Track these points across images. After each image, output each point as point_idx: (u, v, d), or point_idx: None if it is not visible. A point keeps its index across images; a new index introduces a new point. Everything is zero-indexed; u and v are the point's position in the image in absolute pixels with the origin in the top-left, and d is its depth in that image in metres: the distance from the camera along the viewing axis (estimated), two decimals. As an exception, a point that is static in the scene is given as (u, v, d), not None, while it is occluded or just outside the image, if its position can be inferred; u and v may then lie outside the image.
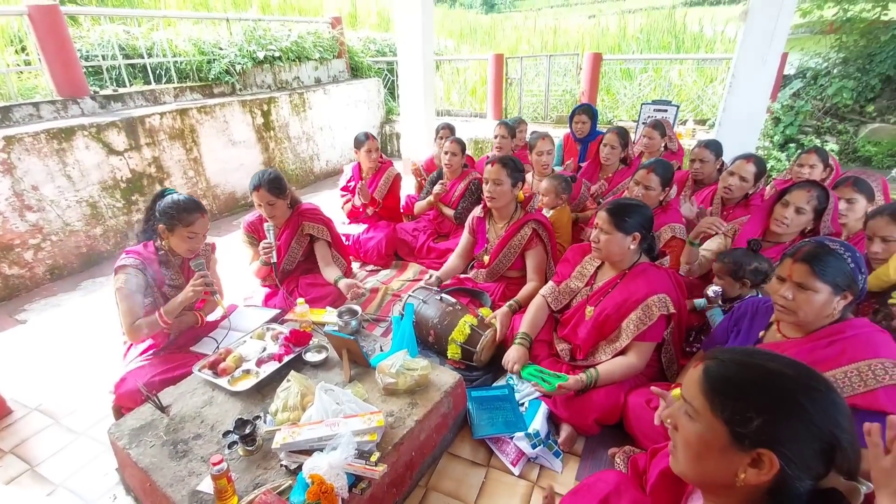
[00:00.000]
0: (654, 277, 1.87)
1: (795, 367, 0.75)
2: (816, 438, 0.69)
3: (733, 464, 0.72)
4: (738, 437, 0.72)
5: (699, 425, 0.77)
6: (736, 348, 0.81)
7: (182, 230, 1.99)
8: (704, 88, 6.80)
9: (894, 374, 1.29)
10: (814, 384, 0.72)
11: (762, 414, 0.70)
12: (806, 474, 0.69)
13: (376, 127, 7.01)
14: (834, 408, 0.70)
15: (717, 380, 0.76)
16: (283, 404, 1.65)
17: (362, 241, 3.43)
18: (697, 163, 3.10)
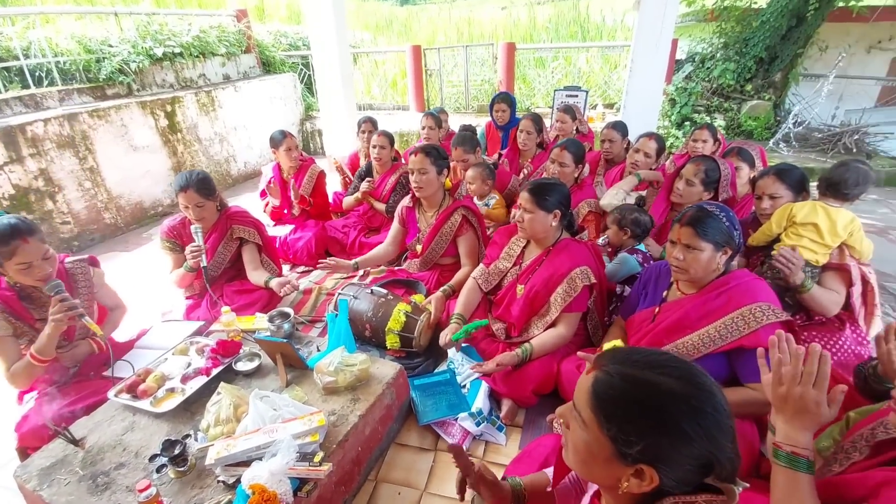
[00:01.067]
0: (576, 251, 2.00)
1: (685, 379, 0.72)
2: (696, 458, 0.70)
3: (617, 472, 0.74)
4: (621, 455, 0.72)
5: (587, 435, 0.76)
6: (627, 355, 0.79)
7: (11, 264, 1.68)
8: (610, 74, 7.26)
9: (770, 314, 1.49)
10: (701, 406, 0.70)
11: (645, 438, 0.70)
12: (684, 484, 0.72)
13: (296, 124, 6.75)
14: (717, 429, 0.70)
15: (604, 399, 0.74)
16: (214, 419, 1.57)
17: (290, 243, 3.31)
18: (607, 143, 3.33)
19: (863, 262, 2.02)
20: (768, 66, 6.25)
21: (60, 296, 1.70)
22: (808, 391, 1.00)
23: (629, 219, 2.33)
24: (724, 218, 1.56)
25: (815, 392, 1.00)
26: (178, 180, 2.34)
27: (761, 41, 6.02)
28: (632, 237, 2.36)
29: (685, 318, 1.64)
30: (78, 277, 1.93)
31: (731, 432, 0.72)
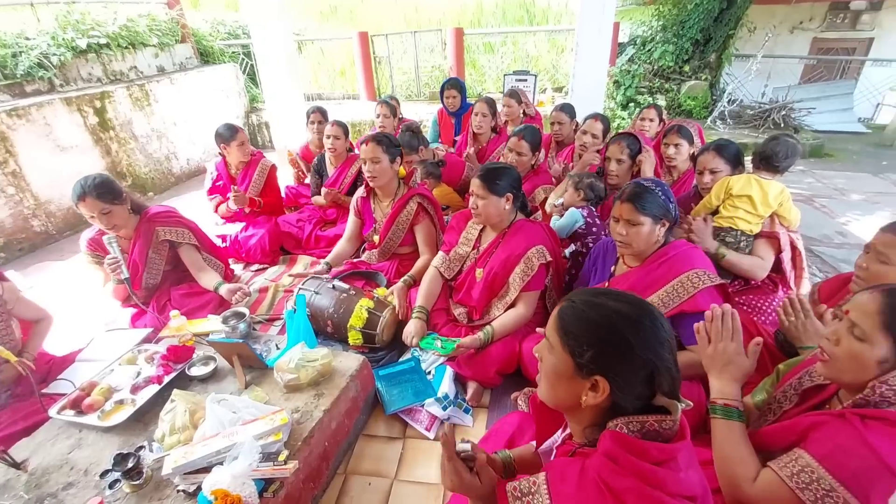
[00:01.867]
0: (531, 232, 2.04)
1: (631, 303, 0.84)
2: (639, 366, 0.79)
3: (578, 389, 0.84)
4: (579, 367, 0.83)
5: (554, 358, 0.87)
6: (589, 290, 0.93)
7: None
8: (557, 58, 7.38)
9: (705, 279, 1.60)
10: (641, 319, 0.81)
11: (594, 346, 0.81)
12: (632, 395, 0.81)
13: (241, 117, 6.46)
14: (656, 340, 0.80)
15: (565, 319, 0.86)
16: (169, 427, 1.50)
17: (242, 241, 3.17)
18: (556, 125, 3.40)
19: (791, 229, 2.18)
20: (703, 48, 6.55)
21: None
22: (728, 344, 1.19)
23: (585, 182, 2.41)
24: (659, 192, 1.65)
25: (732, 344, 1.19)
26: (73, 190, 2.10)
27: (696, 23, 6.29)
28: (584, 199, 2.43)
29: (632, 289, 1.71)
30: None
31: (669, 345, 0.82)
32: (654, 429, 0.80)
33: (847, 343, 1.04)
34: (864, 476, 0.94)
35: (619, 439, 0.79)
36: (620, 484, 0.75)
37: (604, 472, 0.77)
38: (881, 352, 0.98)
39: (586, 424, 0.88)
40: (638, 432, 0.80)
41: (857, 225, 3.85)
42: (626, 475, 0.76)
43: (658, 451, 0.77)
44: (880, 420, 0.97)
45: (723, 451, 1.15)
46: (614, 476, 0.76)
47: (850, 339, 1.03)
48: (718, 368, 1.19)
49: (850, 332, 1.04)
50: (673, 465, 0.77)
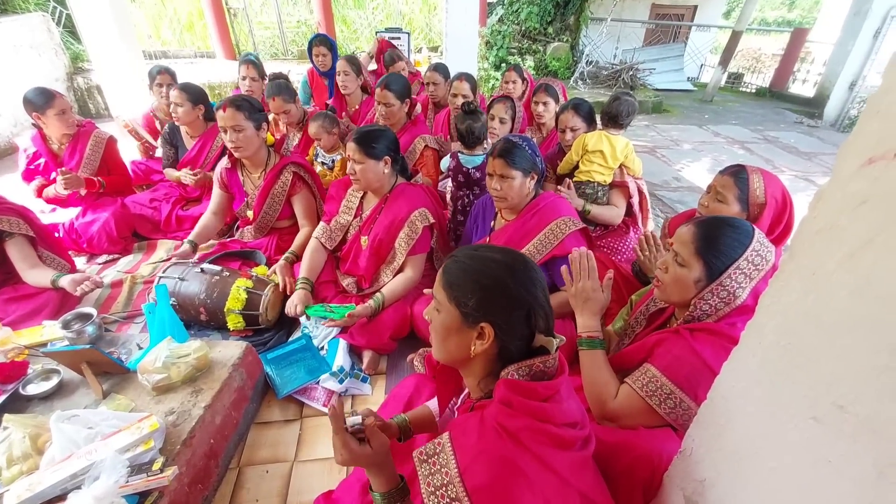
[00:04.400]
0: (412, 195, 2.03)
1: (506, 252, 0.92)
2: (516, 306, 0.86)
3: (467, 339, 0.89)
4: (465, 317, 0.88)
5: (443, 314, 0.91)
6: (469, 246, 0.99)
7: None
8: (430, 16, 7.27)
9: (571, 225, 1.78)
10: (515, 264, 0.89)
11: (475, 293, 0.87)
12: (515, 336, 0.88)
13: (61, 80, 5.32)
14: (529, 281, 0.88)
15: (450, 274, 0.92)
16: (6, 459, 1.25)
17: (80, 229, 2.66)
18: (431, 86, 3.37)
19: (637, 177, 2.48)
20: (564, 10, 6.97)
21: None
22: (586, 283, 1.33)
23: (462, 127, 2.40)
24: (526, 147, 1.76)
25: (590, 282, 1.34)
26: None
27: (557, -15, 6.64)
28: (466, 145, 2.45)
29: (510, 240, 1.83)
30: None
31: (541, 285, 0.90)
32: (539, 369, 0.87)
33: (672, 269, 1.23)
34: (693, 378, 1.14)
35: (512, 385, 0.85)
36: (515, 424, 0.81)
37: (500, 417, 0.82)
38: (696, 273, 1.18)
39: (480, 377, 0.93)
40: (527, 375, 0.87)
41: (689, 170, 4.55)
42: (520, 416, 0.82)
43: (544, 388, 0.84)
44: (703, 331, 1.18)
45: (589, 377, 1.31)
46: (509, 419, 0.82)
47: (674, 266, 1.23)
48: (581, 305, 1.34)
49: (674, 261, 1.23)
50: (557, 398, 0.85)
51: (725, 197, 1.66)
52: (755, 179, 1.65)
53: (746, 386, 0.81)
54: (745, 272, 1.15)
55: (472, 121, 2.42)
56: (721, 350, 1.13)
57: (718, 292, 1.17)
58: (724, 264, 1.16)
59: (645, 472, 1.09)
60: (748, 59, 10.18)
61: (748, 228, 1.18)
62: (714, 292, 1.17)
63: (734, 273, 1.15)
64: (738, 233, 1.17)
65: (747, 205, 1.66)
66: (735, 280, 1.15)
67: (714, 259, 1.16)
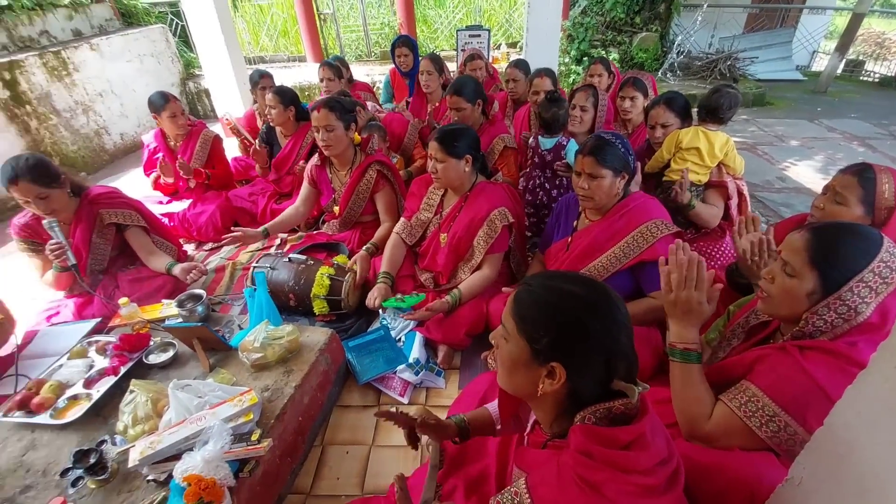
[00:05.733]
0: (492, 194, 2.03)
1: (588, 285, 0.83)
2: (596, 350, 0.79)
3: (535, 376, 0.83)
4: (535, 353, 0.82)
5: (511, 345, 0.85)
6: (546, 272, 0.92)
7: None
8: (510, 12, 7.19)
9: (663, 228, 1.67)
10: (597, 302, 0.81)
11: (550, 332, 0.80)
12: (590, 380, 0.80)
13: (176, 85, 5.97)
14: (613, 323, 0.79)
15: (521, 304, 0.85)
16: (131, 419, 1.44)
17: (191, 219, 3.00)
18: (511, 83, 3.34)
19: (737, 177, 2.28)
20: (653, -2, 6.55)
21: None
22: (692, 293, 1.18)
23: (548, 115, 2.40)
24: (619, 145, 1.67)
25: (696, 293, 1.18)
26: (2, 171, 1.94)
27: (645, -28, 6.26)
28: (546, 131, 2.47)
29: (594, 242, 1.76)
30: None
31: (626, 328, 0.81)
32: (620, 412, 0.80)
33: (780, 280, 1.11)
34: (801, 400, 1.02)
35: (589, 432, 0.78)
36: (597, 476, 0.75)
37: (580, 469, 0.76)
38: (809, 285, 1.05)
39: (552, 416, 0.87)
40: (605, 419, 0.80)
41: (795, 170, 4.09)
42: (601, 467, 0.75)
43: (626, 433, 0.77)
44: (816, 349, 1.06)
45: (682, 393, 1.22)
46: (590, 470, 0.76)
47: (782, 276, 1.10)
48: (680, 314, 1.22)
49: (783, 270, 1.11)
50: (642, 442, 0.77)
51: (846, 199, 1.46)
52: (883, 179, 1.44)
53: (877, 414, 0.72)
54: (870, 286, 1.02)
55: (556, 107, 2.39)
56: (838, 372, 1.01)
57: (836, 307, 1.04)
58: (843, 276, 1.03)
59: (741, 498, 1.01)
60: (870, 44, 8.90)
61: (875, 236, 1.04)
62: (831, 307, 1.04)
63: (857, 286, 1.02)
64: (862, 241, 1.03)
65: (872, 208, 1.45)
66: (858, 294, 1.02)
67: (831, 270, 1.04)
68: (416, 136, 3.27)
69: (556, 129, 2.42)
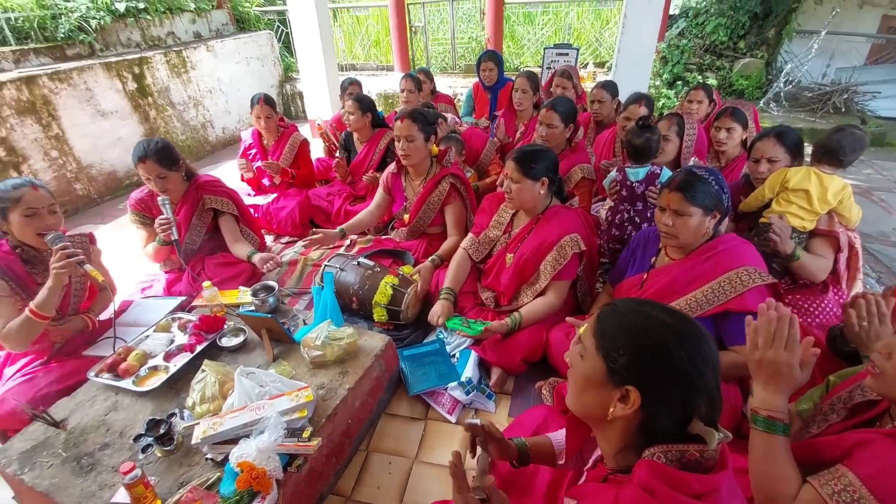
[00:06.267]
0: (566, 219, 1.96)
1: (678, 317, 0.79)
2: (677, 382, 0.73)
3: (607, 399, 0.78)
4: (611, 373, 0.77)
5: (586, 363, 0.82)
6: (634, 298, 0.89)
7: (15, 212, 1.69)
8: (601, 31, 7.01)
9: (756, 277, 1.50)
10: (685, 333, 0.75)
11: (630, 352, 0.76)
12: (666, 415, 0.75)
13: (275, 87, 6.45)
14: (700, 357, 0.74)
15: (604, 322, 0.82)
16: (200, 397, 1.54)
17: (273, 212, 3.21)
18: (596, 104, 3.23)
19: (850, 228, 2.02)
20: (762, 22, 6.08)
21: (61, 244, 1.65)
22: (780, 354, 1.03)
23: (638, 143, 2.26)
24: (713, 181, 1.54)
25: (786, 354, 1.03)
26: (135, 150, 2.19)
27: (756, -5, 5.83)
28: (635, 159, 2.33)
29: (674, 283, 1.64)
30: (85, 248, 1.88)
31: (713, 365, 0.75)
32: (694, 458, 0.73)
33: None
34: (908, 499, 0.86)
35: (657, 470, 0.72)
36: None
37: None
38: None
39: (617, 447, 0.82)
40: (676, 462, 0.73)
41: (919, 222, 3.57)
42: None
43: (699, 483, 0.70)
44: (935, 444, 0.89)
45: (763, 466, 1.08)
46: None
47: None
48: (766, 377, 1.08)
49: None
50: (714, 498, 0.70)
51: None
52: None
53: None
54: None
55: (649, 133, 2.25)
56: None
57: None
58: None
59: None
60: None
61: None
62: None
63: None
64: None
65: None
66: None
67: None
68: (493, 153, 3.27)
69: (645, 158, 2.29)
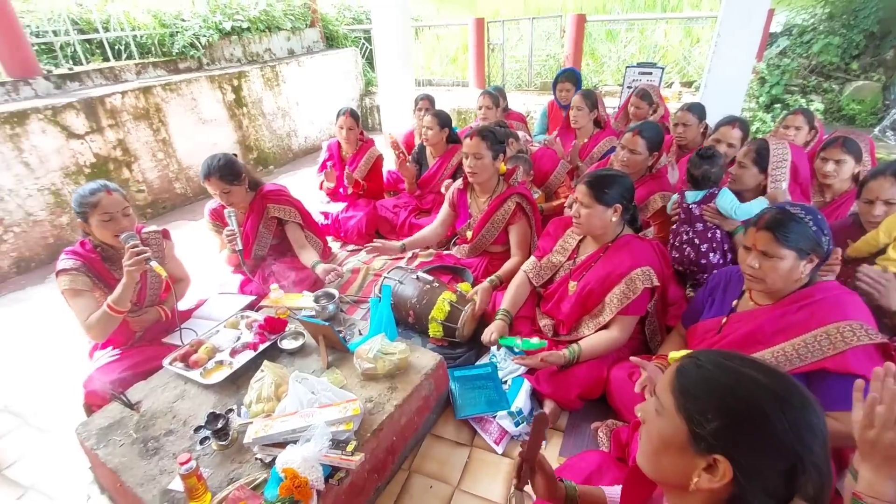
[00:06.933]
0: (638, 250, 1.82)
1: (775, 376, 0.69)
2: (778, 455, 0.64)
3: (689, 466, 0.70)
4: (695, 438, 0.69)
5: (663, 421, 0.74)
6: (719, 350, 0.77)
7: (94, 216, 1.82)
8: (690, 49, 6.63)
9: (862, 335, 1.29)
10: (788, 397, 0.66)
11: (721, 417, 0.67)
12: (763, 492, 0.65)
13: (356, 100, 6.78)
14: (806, 427, 0.65)
15: (686, 378, 0.73)
16: (256, 396, 1.60)
17: (342, 221, 3.33)
18: (681, 126, 3.02)
19: None
20: (879, 42, 5.42)
21: (132, 243, 1.78)
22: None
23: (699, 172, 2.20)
24: (810, 221, 1.35)
25: None
26: (202, 168, 2.34)
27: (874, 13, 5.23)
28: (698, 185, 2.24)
29: (758, 331, 1.45)
30: (152, 246, 2.03)
31: (822, 436, 0.66)
32: None
33: None
34: None
35: None
36: None
37: None
38: None
39: None
40: None
41: None
42: None
43: None
44: None
45: None
46: None
47: None
48: (878, 461, 0.91)
49: None
50: None
51: None
52: None
53: None
54: None
55: (708, 165, 2.15)
56: None
57: None
58: None
59: None
60: None
61: None
62: None
63: None
64: None
65: None
66: None
67: None
68: (563, 176, 3.17)
69: (703, 188, 2.19)
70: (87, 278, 1.84)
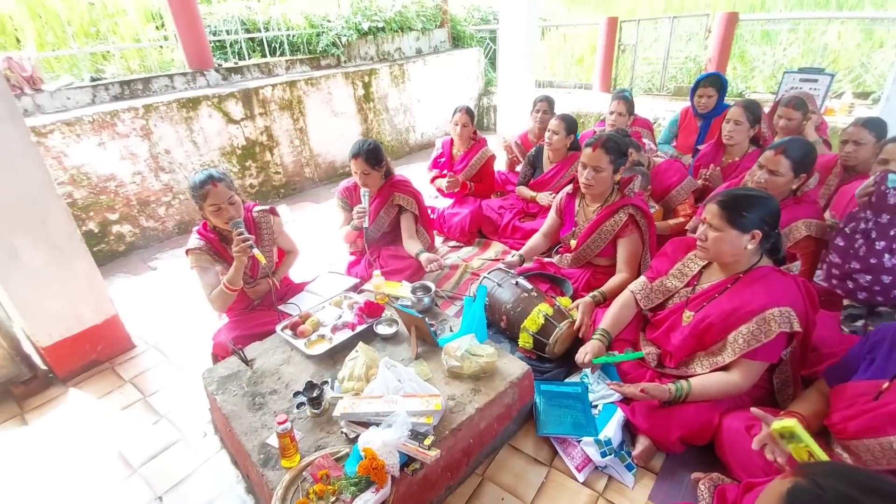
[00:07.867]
0: (778, 286, 1.55)
1: None
2: None
3: None
4: None
5: None
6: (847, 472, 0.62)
7: (206, 206, 1.98)
8: (870, 54, 5.54)
9: None
10: None
11: None
12: None
13: (474, 99, 6.86)
14: None
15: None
16: (349, 373, 1.69)
17: (447, 217, 3.39)
18: (851, 145, 2.51)
19: None
20: None
21: (238, 230, 1.97)
22: None
23: None
24: None
25: None
26: (353, 147, 2.58)
27: None
28: None
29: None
30: (262, 224, 2.25)
31: None
32: None
33: None
34: None
35: None
36: None
37: None
38: None
39: None
40: None
41: None
42: None
43: None
44: None
45: None
46: None
47: None
48: None
49: None
50: None
51: None
52: None
53: None
54: None
55: None
56: None
57: None
58: None
59: None
60: None
61: None
62: None
63: None
64: None
65: None
66: None
67: None
68: (687, 193, 2.83)
69: None
70: (209, 256, 2.08)
